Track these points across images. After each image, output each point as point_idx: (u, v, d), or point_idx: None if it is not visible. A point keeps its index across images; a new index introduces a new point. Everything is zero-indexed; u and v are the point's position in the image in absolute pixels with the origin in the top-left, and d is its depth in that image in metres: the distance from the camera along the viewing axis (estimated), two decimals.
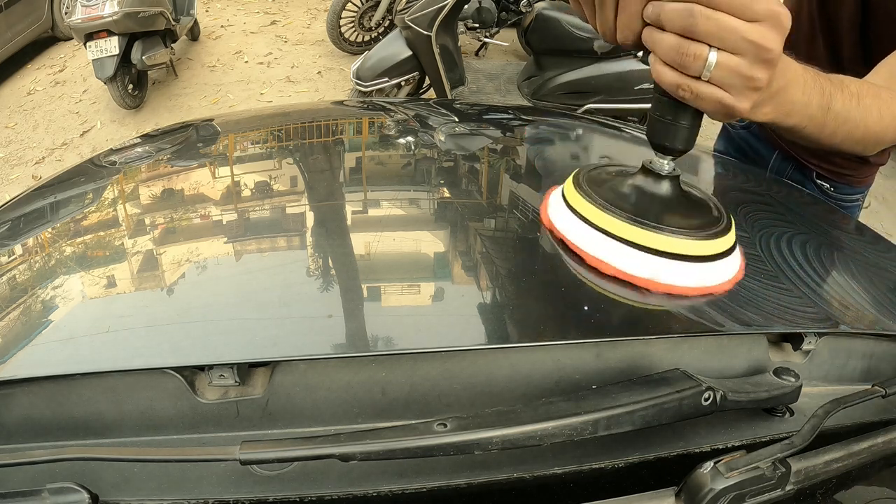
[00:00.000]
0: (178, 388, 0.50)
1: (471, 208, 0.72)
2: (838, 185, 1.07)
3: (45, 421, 0.51)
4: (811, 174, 1.08)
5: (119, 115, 3.84)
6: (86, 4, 3.32)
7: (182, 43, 4.58)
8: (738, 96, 0.46)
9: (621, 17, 0.47)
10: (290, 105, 1.36)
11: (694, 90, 0.46)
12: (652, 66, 0.47)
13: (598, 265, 0.55)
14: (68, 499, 0.39)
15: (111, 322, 0.54)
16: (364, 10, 4.23)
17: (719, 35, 0.43)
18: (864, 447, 0.48)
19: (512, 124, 1.08)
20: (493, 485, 0.49)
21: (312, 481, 0.48)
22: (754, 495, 0.42)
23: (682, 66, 0.45)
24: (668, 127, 0.50)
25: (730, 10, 0.42)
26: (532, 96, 3.14)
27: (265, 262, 0.63)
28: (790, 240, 0.70)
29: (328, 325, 0.52)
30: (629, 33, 0.48)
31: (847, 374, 0.64)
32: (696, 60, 0.44)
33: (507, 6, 3.45)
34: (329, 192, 0.80)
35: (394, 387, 0.53)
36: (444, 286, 0.59)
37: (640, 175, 0.56)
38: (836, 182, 1.07)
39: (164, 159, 0.94)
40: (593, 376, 0.55)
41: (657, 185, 0.55)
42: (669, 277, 0.52)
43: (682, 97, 0.46)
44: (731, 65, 0.44)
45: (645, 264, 0.52)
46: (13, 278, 0.63)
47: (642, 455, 0.52)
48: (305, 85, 4.22)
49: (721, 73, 0.44)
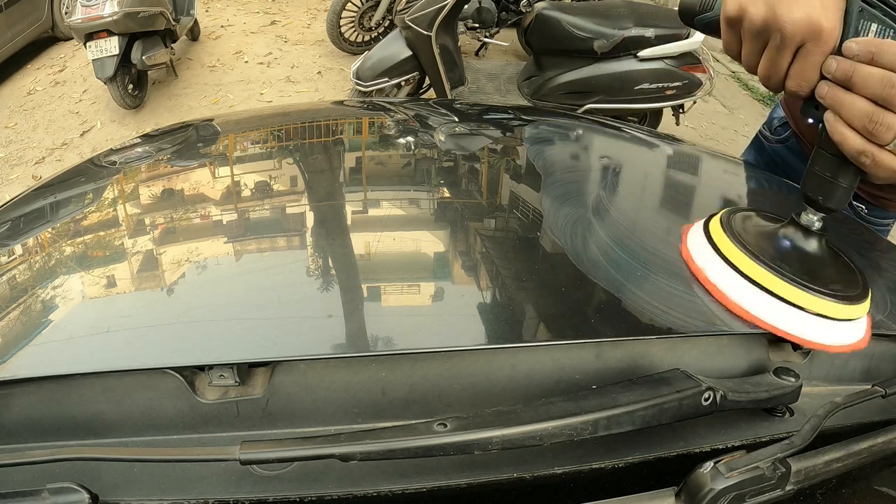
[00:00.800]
0: (178, 388, 0.50)
1: (470, 208, 0.72)
2: (873, 209, 1.04)
3: (45, 421, 0.51)
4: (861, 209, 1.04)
5: (119, 115, 3.84)
6: (86, 4, 3.32)
7: (182, 43, 4.58)
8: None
9: (798, 65, 0.45)
10: (290, 105, 1.36)
11: (877, 159, 0.44)
12: (832, 125, 0.45)
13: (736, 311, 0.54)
14: (68, 499, 0.39)
15: (111, 322, 0.54)
16: (364, 10, 4.23)
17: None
18: (864, 447, 0.48)
19: (512, 124, 1.08)
20: (493, 485, 0.49)
21: (312, 481, 0.48)
22: (754, 495, 0.42)
23: (872, 134, 0.43)
24: (827, 184, 0.49)
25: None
26: (532, 96, 3.14)
27: (265, 261, 0.63)
28: None
29: (328, 325, 0.52)
30: (805, 85, 0.46)
31: (847, 374, 0.64)
32: (889, 131, 0.42)
33: (507, 6, 3.46)
34: (329, 192, 0.80)
35: (394, 387, 0.53)
36: (444, 286, 0.59)
37: (790, 227, 0.55)
38: (872, 205, 1.04)
39: (164, 159, 0.94)
40: (593, 376, 0.55)
41: (806, 241, 0.54)
42: (813, 335, 0.52)
43: (863, 163, 0.45)
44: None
45: (789, 320, 0.52)
46: (13, 278, 0.63)
47: (642, 455, 0.52)
48: (305, 85, 4.22)
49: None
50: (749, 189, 0.94)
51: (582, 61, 2.98)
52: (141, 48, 3.56)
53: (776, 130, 1.16)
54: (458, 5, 2.89)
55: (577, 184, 0.82)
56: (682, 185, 0.89)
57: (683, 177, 0.92)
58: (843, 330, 0.52)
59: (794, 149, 1.12)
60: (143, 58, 3.54)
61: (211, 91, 4.15)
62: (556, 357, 0.54)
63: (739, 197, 0.89)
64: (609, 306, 0.54)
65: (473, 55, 4.17)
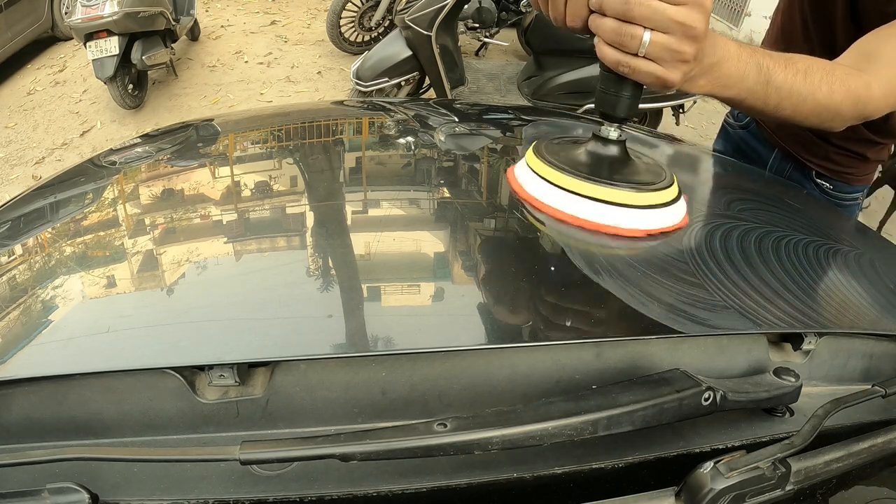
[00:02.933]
0: (178, 388, 0.50)
1: (471, 208, 0.72)
2: (838, 184, 1.07)
3: (45, 421, 0.51)
4: (811, 173, 1.08)
5: (119, 115, 3.84)
6: (86, 4, 3.32)
7: (182, 43, 4.58)
8: (670, 69, 0.54)
9: (570, 5, 0.56)
10: (290, 105, 1.36)
11: (632, 65, 0.54)
12: (597, 46, 0.55)
13: (564, 218, 0.62)
14: (68, 499, 0.39)
15: (111, 322, 0.54)
16: (364, 10, 4.23)
17: (651, 17, 0.51)
18: (864, 447, 0.48)
19: (512, 124, 1.08)
20: (493, 485, 0.49)
21: (312, 481, 0.48)
22: (754, 495, 0.42)
23: (621, 45, 0.53)
24: (612, 98, 0.59)
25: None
26: (532, 96, 3.14)
27: (265, 261, 0.63)
28: (790, 240, 0.70)
29: (328, 325, 0.52)
30: (577, 20, 0.56)
31: (847, 374, 0.64)
32: (633, 40, 0.52)
33: (507, 6, 3.45)
34: (329, 192, 0.80)
35: (394, 387, 0.53)
36: (444, 286, 0.59)
37: (591, 141, 0.65)
38: (836, 181, 1.07)
39: (164, 159, 0.94)
40: (593, 376, 0.55)
41: (606, 149, 0.64)
42: (628, 223, 0.61)
43: (623, 72, 0.55)
44: (662, 42, 0.52)
45: (606, 214, 0.61)
46: (13, 278, 0.63)
47: (642, 455, 0.52)
48: (305, 85, 4.22)
49: (654, 49, 0.52)
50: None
51: (582, 61, 2.98)
52: (141, 48, 3.56)
53: (738, 116, 1.20)
54: (458, 5, 2.89)
55: None
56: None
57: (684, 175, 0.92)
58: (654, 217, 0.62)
59: (755, 133, 1.15)
60: (143, 58, 3.54)
61: (211, 91, 4.15)
62: (556, 357, 0.54)
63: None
64: (609, 306, 0.54)
65: (473, 55, 4.18)
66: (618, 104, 0.58)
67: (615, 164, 0.63)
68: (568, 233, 0.62)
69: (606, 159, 0.63)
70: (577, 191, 0.61)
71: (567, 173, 0.62)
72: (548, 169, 0.64)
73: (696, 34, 0.52)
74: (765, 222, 0.75)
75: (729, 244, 0.65)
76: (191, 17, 4.30)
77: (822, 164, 1.06)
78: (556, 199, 0.63)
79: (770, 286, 0.59)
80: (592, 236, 0.61)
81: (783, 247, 0.68)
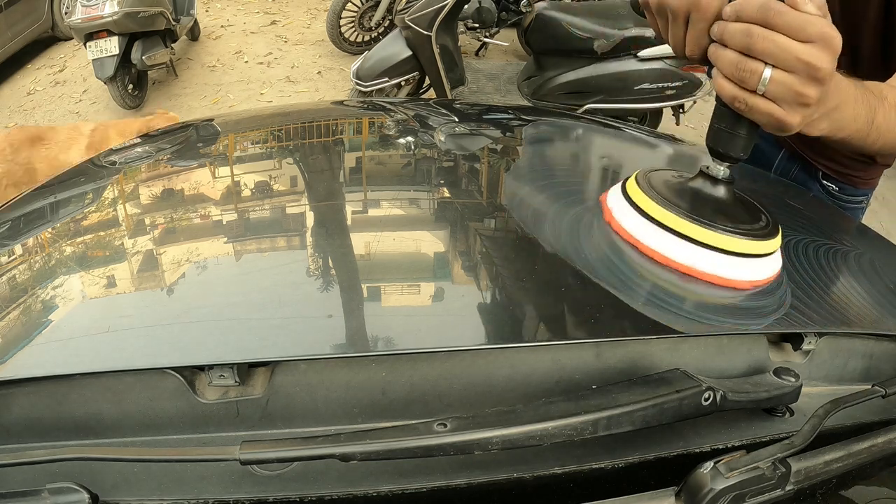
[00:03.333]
0: (178, 388, 0.50)
1: (471, 208, 0.72)
2: (844, 187, 1.06)
3: (45, 421, 0.51)
4: (817, 174, 1.07)
5: (119, 115, 3.83)
6: (86, 4, 3.32)
7: (182, 43, 4.58)
8: (789, 111, 0.50)
9: (690, 33, 0.53)
10: (290, 105, 1.36)
11: (749, 103, 0.50)
12: (714, 79, 0.52)
13: (653, 255, 0.58)
14: (68, 499, 0.39)
15: (111, 322, 0.54)
16: (364, 10, 4.23)
17: (774, 53, 0.47)
18: (864, 447, 0.48)
19: (512, 124, 1.08)
20: (493, 485, 0.49)
21: (312, 481, 0.48)
22: (754, 495, 0.42)
23: (740, 80, 0.49)
24: (725, 135, 0.55)
25: (785, 30, 0.46)
26: (532, 96, 3.13)
27: (265, 261, 0.63)
28: (790, 240, 0.70)
29: (328, 325, 0.52)
30: (696, 49, 0.53)
31: (847, 374, 0.64)
32: (753, 75, 0.48)
33: (507, 6, 3.45)
34: (329, 192, 0.80)
35: (394, 387, 0.53)
36: (444, 286, 0.59)
37: (698, 178, 0.60)
38: (843, 183, 1.06)
39: (164, 159, 0.94)
40: (593, 376, 0.55)
41: (714, 189, 0.59)
42: (723, 271, 0.57)
43: (738, 109, 0.51)
44: (784, 81, 0.48)
45: (702, 258, 0.57)
46: (13, 278, 0.63)
47: (642, 455, 0.52)
48: (305, 85, 4.22)
49: (774, 88, 0.48)
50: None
51: (582, 61, 2.98)
52: (141, 48, 3.55)
53: None
54: (458, 5, 2.89)
55: (577, 183, 0.82)
56: None
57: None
58: (751, 267, 0.58)
59: (765, 135, 1.13)
60: (143, 58, 3.54)
61: (211, 91, 4.15)
62: (556, 357, 0.54)
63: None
64: (609, 306, 0.54)
65: (473, 55, 4.17)
66: (731, 142, 0.55)
67: (720, 204, 0.59)
68: (656, 272, 0.57)
69: (711, 199, 0.59)
70: (677, 228, 0.57)
71: (668, 208, 0.58)
72: (647, 200, 0.60)
73: (822, 76, 0.48)
74: None
75: None
76: (191, 17, 4.30)
77: (830, 165, 1.05)
78: (648, 233, 0.59)
79: (768, 286, 0.59)
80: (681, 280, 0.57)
81: (783, 247, 0.68)
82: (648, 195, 0.60)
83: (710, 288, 0.56)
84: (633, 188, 0.62)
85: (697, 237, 0.56)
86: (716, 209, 0.58)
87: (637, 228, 0.60)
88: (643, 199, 0.60)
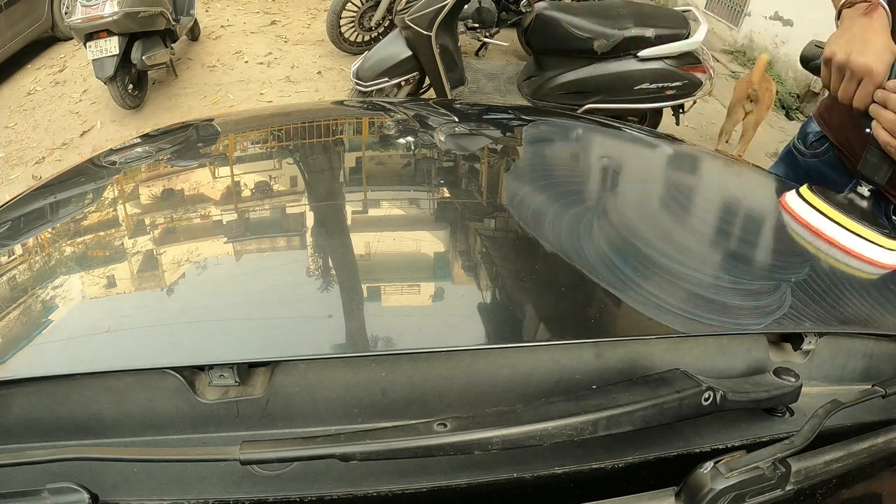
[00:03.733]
0: (178, 388, 0.50)
1: (470, 208, 0.72)
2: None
3: (45, 421, 0.51)
4: (889, 208, 1.06)
5: (119, 115, 3.83)
6: (86, 4, 3.32)
7: (182, 43, 4.58)
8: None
9: (860, 92, 0.76)
10: (290, 105, 1.36)
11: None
12: (875, 128, 0.76)
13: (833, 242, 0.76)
14: (68, 499, 0.39)
15: (111, 322, 0.54)
16: (364, 10, 4.23)
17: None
18: (864, 447, 0.48)
19: (512, 124, 1.08)
20: (493, 485, 0.49)
21: (312, 481, 0.48)
22: (754, 495, 0.42)
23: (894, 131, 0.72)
24: (874, 165, 0.80)
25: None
26: (532, 96, 3.13)
27: (265, 262, 0.63)
28: None
29: (328, 325, 0.52)
30: (862, 105, 0.77)
31: (847, 374, 0.64)
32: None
33: (507, 6, 3.45)
34: (329, 192, 0.80)
35: (394, 387, 0.53)
36: (444, 286, 0.59)
37: (853, 194, 0.83)
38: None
39: (164, 159, 0.94)
40: (593, 376, 0.55)
41: (862, 202, 0.82)
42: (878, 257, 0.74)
43: (889, 152, 0.75)
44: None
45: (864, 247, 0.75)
46: (13, 278, 0.63)
47: (642, 455, 0.52)
48: (305, 85, 4.22)
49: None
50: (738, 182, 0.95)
51: (582, 61, 2.98)
52: (141, 48, 3.55)
53: (812, 145, 1.17)
54: (458, 5, 2.88)
55: (577, 183, 0.82)
56: (684, 183, 0.89)
57: (684, 175, 0.92)
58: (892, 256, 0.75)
59: (831, 162, 1.12)
60: (143, 58, 3.54)
61: (211, 91, 4.14)
62: (556, 357, 0.54)
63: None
64: (609, 306, 0.54)
65: (473, 55, 4.17)
66: (878, 172, 0.80)
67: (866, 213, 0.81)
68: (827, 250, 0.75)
69: (859, 208, 0.82)
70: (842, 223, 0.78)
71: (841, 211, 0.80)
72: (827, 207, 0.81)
73: None
74: None
75: None
76: (191, 17, 4.30)
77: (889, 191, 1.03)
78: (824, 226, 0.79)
79: (768, 286, 0.59)
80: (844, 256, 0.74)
81: None
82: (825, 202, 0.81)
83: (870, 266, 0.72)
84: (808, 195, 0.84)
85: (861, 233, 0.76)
86: (863, 216, 0.80)
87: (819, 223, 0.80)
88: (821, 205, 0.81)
